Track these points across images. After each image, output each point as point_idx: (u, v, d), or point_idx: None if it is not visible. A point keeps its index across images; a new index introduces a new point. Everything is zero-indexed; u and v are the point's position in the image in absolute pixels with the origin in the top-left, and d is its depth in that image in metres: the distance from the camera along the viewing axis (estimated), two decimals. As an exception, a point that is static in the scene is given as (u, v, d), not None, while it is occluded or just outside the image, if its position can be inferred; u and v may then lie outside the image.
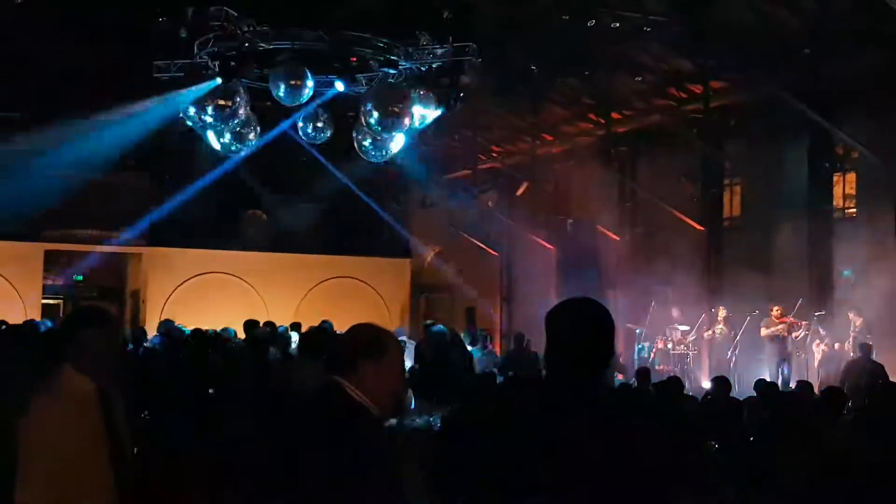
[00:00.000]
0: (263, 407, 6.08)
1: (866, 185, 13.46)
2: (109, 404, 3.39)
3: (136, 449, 3.51)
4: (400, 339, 11.23)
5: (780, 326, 12.83)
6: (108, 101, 13.80)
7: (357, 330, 2.98)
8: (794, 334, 12.88)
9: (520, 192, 19.91)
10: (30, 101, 14.57)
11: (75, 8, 12.01)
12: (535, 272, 19.02)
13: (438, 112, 13.25)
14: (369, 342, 2.93)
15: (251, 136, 12.55)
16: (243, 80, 11.55)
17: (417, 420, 8.44)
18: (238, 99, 11.32)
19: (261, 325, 11.37)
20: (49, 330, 9.67)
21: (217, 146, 12.86)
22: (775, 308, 12.92)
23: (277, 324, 12.37)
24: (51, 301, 18.76)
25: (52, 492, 3.13)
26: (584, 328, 2.49)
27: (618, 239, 17.22)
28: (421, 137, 14.89)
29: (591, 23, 12.27)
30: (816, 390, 9.24)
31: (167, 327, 12.04)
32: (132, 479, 3.35)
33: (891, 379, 9.46)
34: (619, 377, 12.07)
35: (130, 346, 10.18)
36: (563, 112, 17.29)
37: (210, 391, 7.94)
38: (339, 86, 12.66)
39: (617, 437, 2.38)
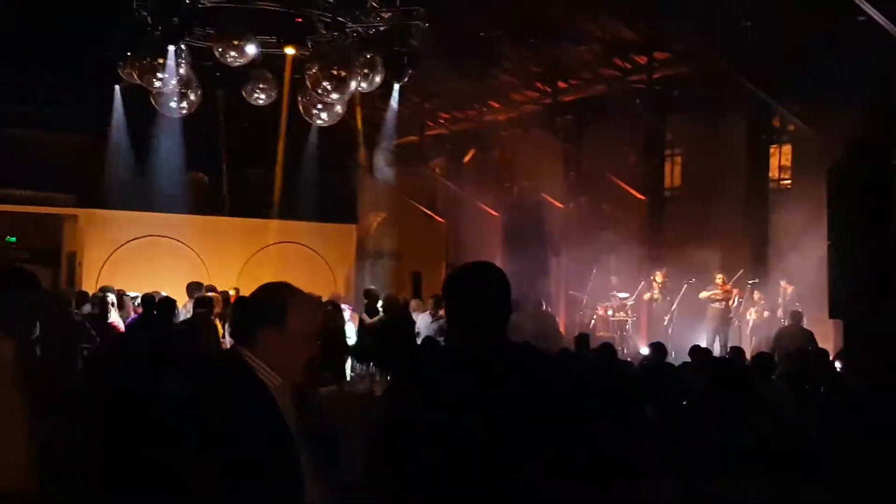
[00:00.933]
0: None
1: (801, 158, 13.82)
2: (30, 365, 3.36)
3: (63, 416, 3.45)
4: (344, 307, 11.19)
5: (716, 292, 13.19)
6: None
7: (256, 293, 2.68)
8: (729, 302, 13.23)
9: (466, 159, 19.95)
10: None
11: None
12: (480, 239, 19.14)
13: (384, 76, 13.15)
14: (266, 307, 2.61)
15: (191, 97, 12.31)
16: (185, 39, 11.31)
17: (359, 386, 8.49)
18: (173, 59, 11.06)
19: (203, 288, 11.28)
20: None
21: (157, 107, 12.61)
22: (719, 276, 13.25)
23: (219, 289, 12.27)
24: (-18, 263, 18.28)
25: None
26: (488, 290, 2.67)
27: (562, 207, 17.40)
28: (367, 102, 14.79)
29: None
30: (748, 356, 9.54)
31: (106, 292, 11.81)
32: (54, 441, 3.30)
33: (820, 345, 9.82)
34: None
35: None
36: (511, 79, 17.31)
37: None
38: (289, 50, 12.45)
39: (530, 383, 2.56)
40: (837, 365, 8.74)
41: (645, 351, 11.79)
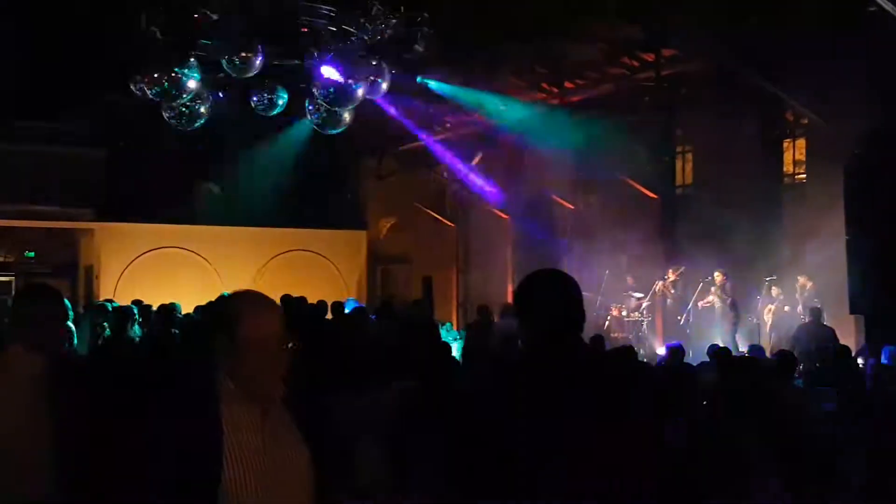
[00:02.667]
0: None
1: (815, 151, 13.70)
2: (58, 382, 3.35)
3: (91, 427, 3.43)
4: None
5: (709, 299, 13.14)
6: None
7: (212, 303, 2.66)
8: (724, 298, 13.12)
9: (475, 162, 19.89)
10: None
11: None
12: (490, 242, 19.10)
13: (390, 83, 13.13)
14: (217, 317, 2.54)
15: (201, 109, 12.31)
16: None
17: (376, 394, 8.45)
18: (186, 71, 11.06)
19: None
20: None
21: (168, 119, 12.62)
22: (718, 274, 13.18)
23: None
24: (2, 278, 18.44)
25: None
26: (563, 298, 2.78)
27: (573, 208, 17.33)
28: (374, 108, 14.76)
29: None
30: (768, 354, 9.47)
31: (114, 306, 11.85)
32: (79, 464, 3.25)
33: (841, 342, 9.73)
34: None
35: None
36: (517, 81, 17.25)
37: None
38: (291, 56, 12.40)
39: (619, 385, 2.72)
40: (860, 361, 8.65)
41: (662, 351, 11.71)
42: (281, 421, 2.53)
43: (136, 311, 11.02)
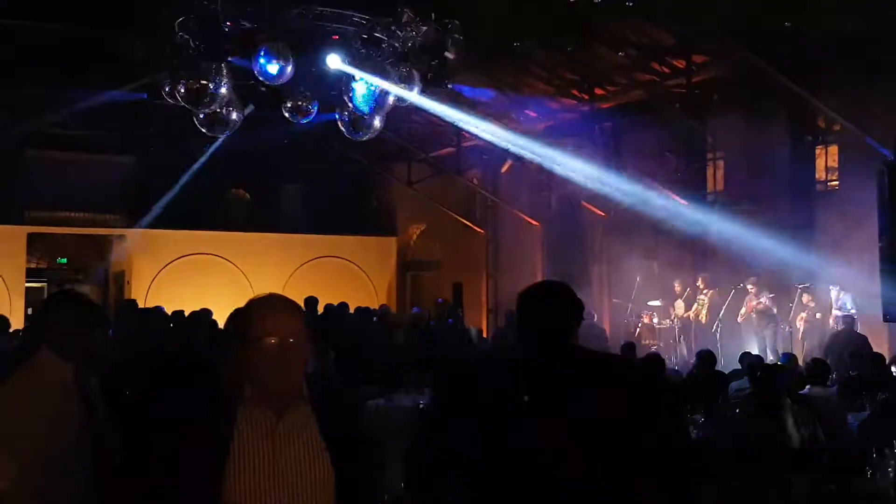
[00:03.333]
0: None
1: (848, 158, 13.53)
2: (87, 387, 3.40)
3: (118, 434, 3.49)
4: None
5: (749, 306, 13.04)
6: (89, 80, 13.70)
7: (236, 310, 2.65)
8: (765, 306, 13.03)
9: (504, 168, 19.90)
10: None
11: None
12: (520, 248, 19.07)
13: (421, 89, 13.18)
14: (232, 320, 2.63)
15: (233, 116, 12.44)
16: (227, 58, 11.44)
17: (405, 399, 8.50)
18: (217, 78, 11.19)
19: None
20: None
21: (201, 127, 12.77)
22: (751, 284, 13.06)
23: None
24: (35, 284, 18.67)
25: (27, 477, 3.09)
26: (545, 309, 2.98)
27: (603, 214, 17.26)
28: (404, 115, 14.82)
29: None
30: (801, 362, 9.35)
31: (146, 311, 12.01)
32: (114, 463, 3.28)
33: (875, 350, 9.60)
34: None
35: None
36: (546, 88, 17.23)
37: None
38: (334, 60, 12.45)
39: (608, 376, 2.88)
40: (894, 370, 8.53)
41: (693, 359, 11.62)
42: (301, 426, 2.51)
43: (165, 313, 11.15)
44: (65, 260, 19.42)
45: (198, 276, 18.26)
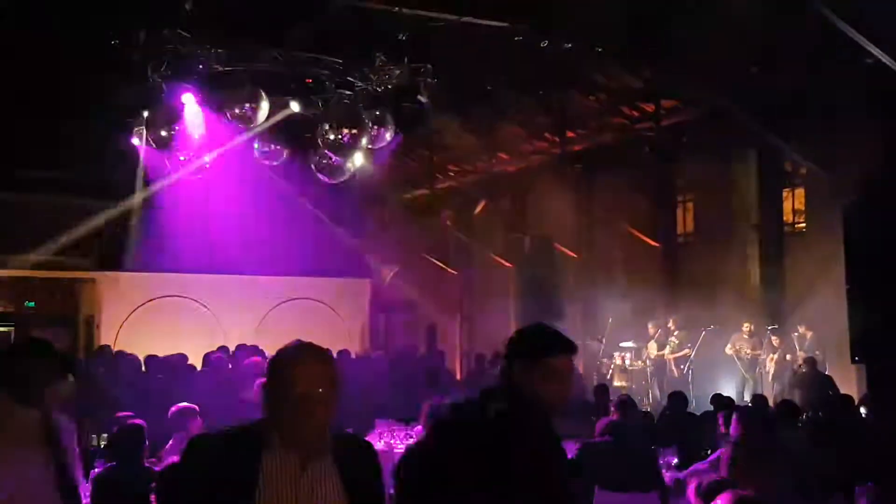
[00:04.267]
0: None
1: (814, 200, 13.77)
2: (55, 434, 3.37)
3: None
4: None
5: (743, 345, 13.07)
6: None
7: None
8: (754, 351, 13.09)
9: (477, 210, 20.01)
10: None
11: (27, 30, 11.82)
12: (493, 290, 19.09)
13: (394, 132, 13.28)
14: (267, 372, 2.63)
15: (206, 158, 12.48)
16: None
17: (379, 443, 8.42)
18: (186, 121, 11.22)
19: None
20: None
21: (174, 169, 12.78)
22: (746, 325, 13.11)
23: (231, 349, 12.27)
24: (2, 329, 18.37)
25: None
26: None
27: (575, 255, 17.37)
28: (377, 157, 14.90)
29: (545, 43, 12.38)
30: (771, 403, 9.41)
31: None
32: None
33: (842, 391, 9.67)
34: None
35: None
36: (519, 131, 17.43)
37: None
38: (295, 106, 12.63)
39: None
40: (863, 411, 8.59)
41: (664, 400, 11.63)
42: (324, 476, 2.54)
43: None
44: (33, 304, 19.13)
45: (169, 320, 18.03)
